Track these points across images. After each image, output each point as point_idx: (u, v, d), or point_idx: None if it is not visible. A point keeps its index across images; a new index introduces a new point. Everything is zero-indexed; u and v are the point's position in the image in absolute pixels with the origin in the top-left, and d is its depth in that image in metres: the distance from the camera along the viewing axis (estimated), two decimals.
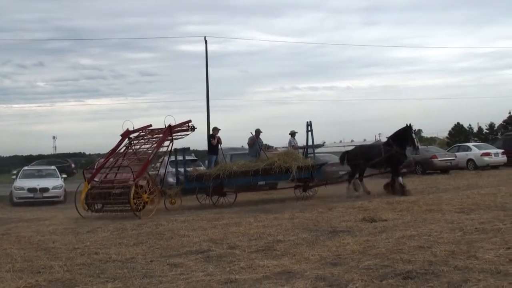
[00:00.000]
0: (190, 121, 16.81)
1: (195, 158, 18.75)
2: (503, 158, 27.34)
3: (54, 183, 21.92)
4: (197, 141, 31.26)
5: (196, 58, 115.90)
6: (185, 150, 17.47)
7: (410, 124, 16.40)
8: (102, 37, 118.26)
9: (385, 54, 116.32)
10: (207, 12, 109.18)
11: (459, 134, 66.81)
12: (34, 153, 70.16)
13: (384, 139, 19.34)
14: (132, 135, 16.77)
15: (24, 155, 67.10)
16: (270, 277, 6.32)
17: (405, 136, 16.38)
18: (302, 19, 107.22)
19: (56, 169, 25.40)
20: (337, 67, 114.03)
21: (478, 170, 26.33)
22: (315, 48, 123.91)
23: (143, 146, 16.72)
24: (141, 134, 17.02)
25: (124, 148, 16.53)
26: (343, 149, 25.04)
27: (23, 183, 21.62)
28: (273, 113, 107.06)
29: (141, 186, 14.51)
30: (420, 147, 19.16)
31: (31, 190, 21.08)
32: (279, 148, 24.02)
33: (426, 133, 75.72)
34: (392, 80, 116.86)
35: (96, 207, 15.09)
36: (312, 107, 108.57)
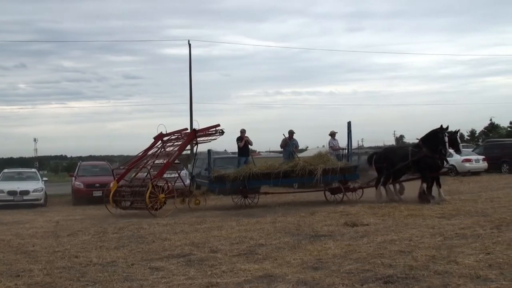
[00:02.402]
0: (218, 125, 17.06)
1: (177, 161, 18.73)
2: (484, 165, 27.55)
3: (34, 186, 21.63)
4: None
5: (180, 62, 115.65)
6: (209, 153, 18.18)
7: (442, 125, 14.45)
8: (85, 39, 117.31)
9: (369, 60, 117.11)
10: (191, 16, 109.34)
11: None
12: (15, 156, 69.61)
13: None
14: (165, 138, 17.39)
15: (4, 157, 66.46)
16: (251, 281, 6.32)
17: (436, 139, 14.40)
18: (286, 24, 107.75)
19: (37, 172, 25.12)
20: (320, 72, 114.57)
21: (459, 176, 26.53)
22: (299, 53, 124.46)
23: (169, 149, 17.23)
24: (171, 137, 17.50)
25: (157, 149, 17.24)
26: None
27: (3, 186, 21.31)
28: (257, 117, 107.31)
29: (158, 186, 15.23)
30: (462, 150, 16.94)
31: (11, 193, 20.79)
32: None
33: (408, 139, 76.13)
34: (375, 86, 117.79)
35: (124, 205, 15.96)
36: (295, 112, 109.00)
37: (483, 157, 27.84)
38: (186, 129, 17.42)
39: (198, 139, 17.00)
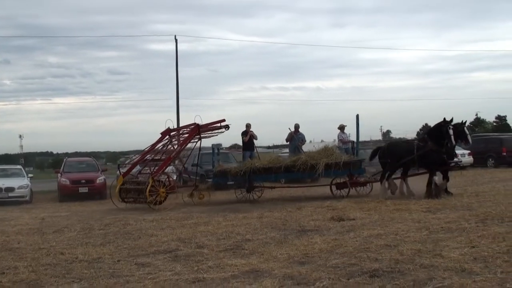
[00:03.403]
0: (223, 120, 17.04)
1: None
2: (469, 159, 27.77)
3: (20, 182, 21.44)
4: None
5: (166, 57, 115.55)
6: (213, 148, 18.17)
7: (445, 118, 13.99)
8: (70, 35, 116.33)
9: (354, 56, 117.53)
10: (177, 11, 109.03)
11: None
12: (0, 152, 69.05)
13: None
14: (172, 133, 17.49)
15: None
16: (238, 276, 6.32)
17: (440, 133, 13.91)
18: (271, 20, 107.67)
19: (23, 169, 24.93)
20: (306, 67, 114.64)
21: None
22: (284, 49, 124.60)
23: (174, 144, 17.35)
24: (176, 133, 17.60)
25: (163, 144, 17.37)
26: (313, 149, 24.81)
27: None
28: (243, 113, 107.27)
29: (159, 181, 15.46)
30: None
31: None
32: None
33: (394, 134, 76.66)
34: (361, 81, 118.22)
35: (130, 199, 16.13)
36: (282, 107, 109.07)
37: (469, 151, 28.04)
38: (194, 123, 17.15)
39: (202, 134, 16.90)
